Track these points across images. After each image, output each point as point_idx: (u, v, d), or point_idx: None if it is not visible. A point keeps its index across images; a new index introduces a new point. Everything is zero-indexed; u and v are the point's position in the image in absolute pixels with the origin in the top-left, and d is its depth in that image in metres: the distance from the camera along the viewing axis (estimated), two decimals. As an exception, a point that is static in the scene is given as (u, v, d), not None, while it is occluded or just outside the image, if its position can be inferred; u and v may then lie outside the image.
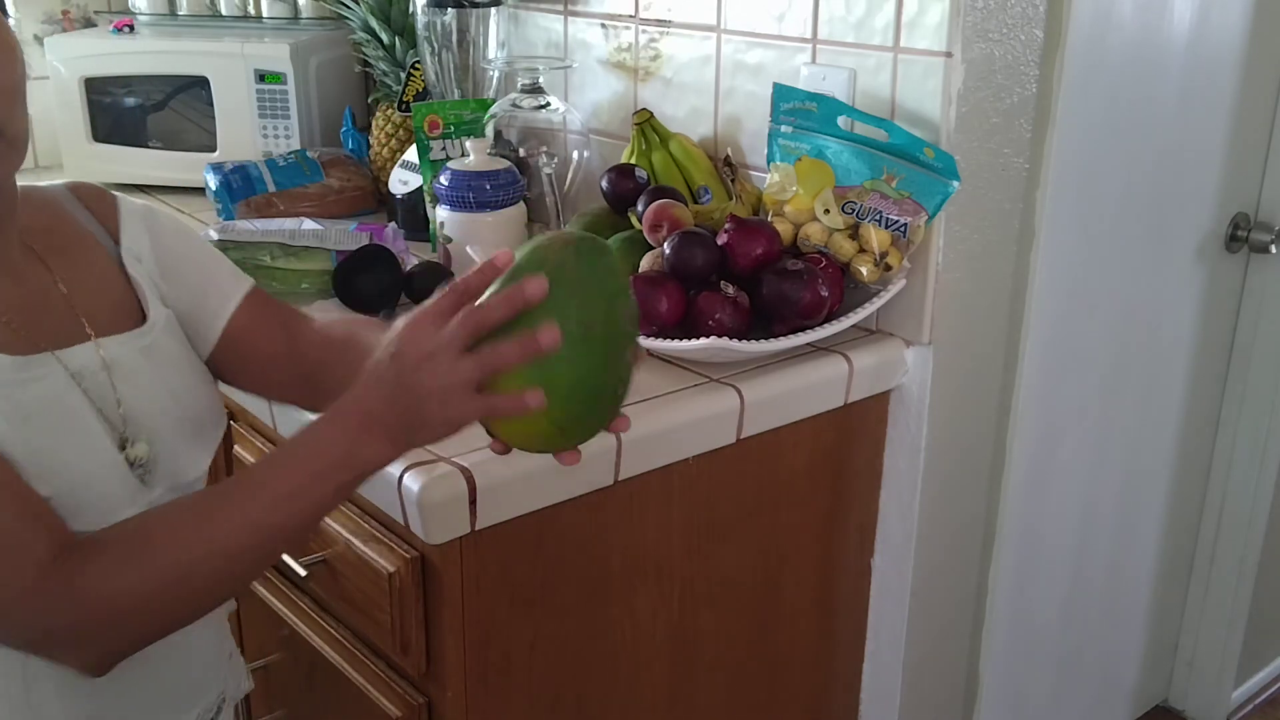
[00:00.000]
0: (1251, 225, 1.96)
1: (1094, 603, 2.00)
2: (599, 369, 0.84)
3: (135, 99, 2.10)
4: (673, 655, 1.39)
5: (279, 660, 1.48)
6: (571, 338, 0.81)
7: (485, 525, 1.15)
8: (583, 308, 0.83)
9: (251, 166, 1.92)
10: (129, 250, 0.99)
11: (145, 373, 0.95)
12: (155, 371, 0.96)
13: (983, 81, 1.39)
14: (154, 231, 1.02)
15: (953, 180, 1.35)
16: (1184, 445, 2.05)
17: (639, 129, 1.63)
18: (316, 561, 1.32)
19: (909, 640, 1.61)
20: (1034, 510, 1.76)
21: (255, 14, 2.18)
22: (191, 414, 0.99)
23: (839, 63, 1.44)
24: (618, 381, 0.87)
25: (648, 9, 1.67)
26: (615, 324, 0.86)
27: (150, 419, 0.94)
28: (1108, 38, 1.54)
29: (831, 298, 1.36)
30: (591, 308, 0.84)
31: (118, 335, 0.95)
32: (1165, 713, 2.31)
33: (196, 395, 1.00)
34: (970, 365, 1.54)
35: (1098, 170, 1.62)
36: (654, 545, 1.32)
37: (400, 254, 1.62)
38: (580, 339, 0.82)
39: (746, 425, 1.33)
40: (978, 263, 1.49)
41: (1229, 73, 1.79)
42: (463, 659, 1.19)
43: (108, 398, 0.92)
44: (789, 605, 1.51)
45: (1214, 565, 2.19)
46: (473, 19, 1.85)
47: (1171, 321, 1.91)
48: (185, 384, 0.99)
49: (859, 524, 1.56)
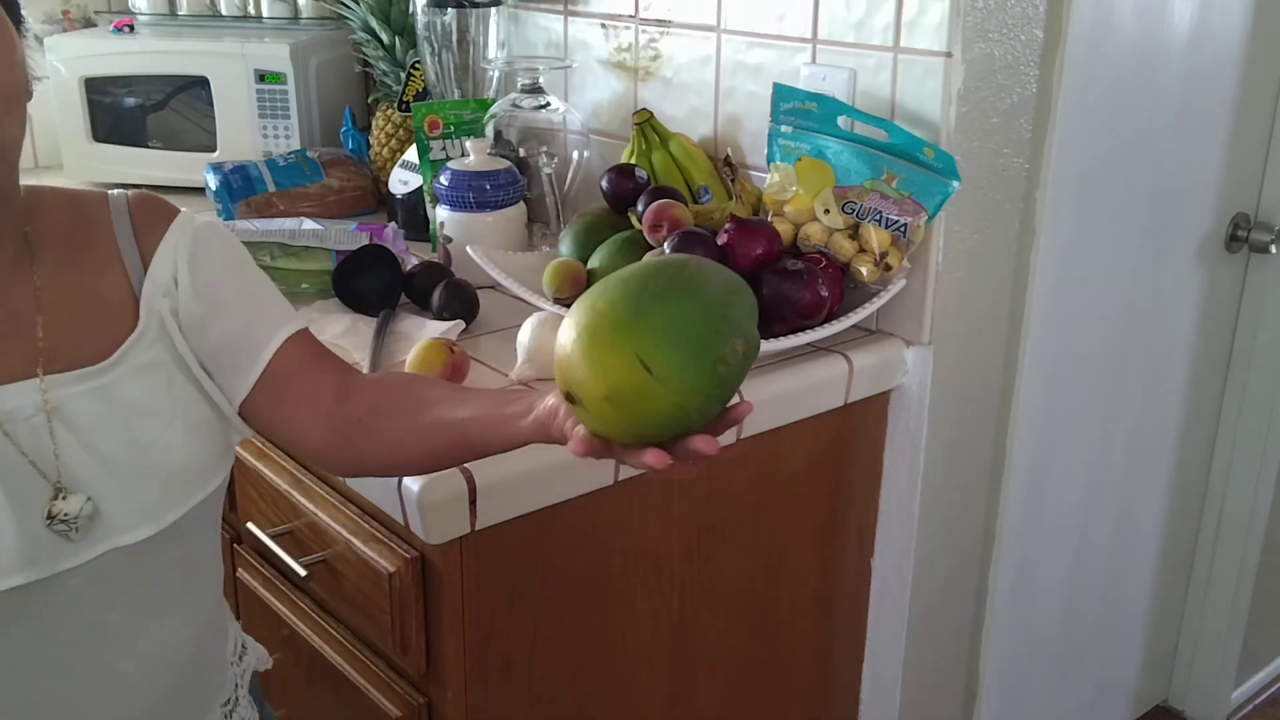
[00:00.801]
0: (1251, 225, 1.96)
1: (1094, 602, 2.00)
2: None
3: (135, 99, 2.10)
4: (673, 655, 1.39)
5: (279, 660, 1.47)
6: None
7: (485, 525, 1.15)
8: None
9: (251, 166, 1.92)
10: (155, 277, 0.92)
11: (96, 417, 0.87)
12: (113, 415, 0.88)
13: (983, 81, 1.39)
14: (198, 261, 0.94)
15: (953, 180, 1.35)
16: (1184, 445, 2.05)
17: (639, 129, 1.63)
18: (316, 561, 1.32)
19: (909, 640, 1.61)
20: (1034, 510, 1.76)
21: (255, 14, 2.18)
22: (160, 465, 0.89)
23: (839, 63, 1.44)
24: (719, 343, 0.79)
25: (648, 9, 1.67)
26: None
27: (98, 469, 0.87)
28: (1108, 38, 1.54)
29: (831, 298, 1.36)
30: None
31: (73, 372, 0.87)
32: (1165, 713, 2.31)
33: (175, 444, 0.90)
34: (970, 365, 1.54)
35: (1098, 170, 1.62)
36: (654, 545, 1.32)
37: (400, 254, 1.62)
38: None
39: (746, 425, 1.33)
40: (978, 263, 1.49)
41: (1229, 73, 1.79)
42: (463, 659, 1.19)
43: (37, 443, 0.85)
44: (789, 605, 1.51)
45: (1214, 565, 2.18)
46: (473, 19, 1.85)
47: (1171, 321, 1.91)
48: (157, 432, 0.90)
49: (859, 524, 1.56)
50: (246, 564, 1.50)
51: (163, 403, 0.91)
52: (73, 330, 0.89)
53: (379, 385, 0.99)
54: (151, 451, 0.89)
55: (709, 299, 0.79)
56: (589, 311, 0.78)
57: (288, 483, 1.37)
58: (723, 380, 0.78)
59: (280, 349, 0.95)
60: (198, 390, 0.94)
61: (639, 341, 0.76)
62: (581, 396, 0.78)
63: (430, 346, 1.27)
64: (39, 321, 0.88)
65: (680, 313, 0.77)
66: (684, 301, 0.78)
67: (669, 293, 0.78)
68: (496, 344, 1.42)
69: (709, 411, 0.79)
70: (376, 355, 1.37)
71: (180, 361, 0.93)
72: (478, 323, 1.49)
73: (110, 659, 0.92)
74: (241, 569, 1.51)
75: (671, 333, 0.76)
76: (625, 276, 0.80)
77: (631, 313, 0.77)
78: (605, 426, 0.79)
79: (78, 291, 0.90)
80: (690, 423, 0.78)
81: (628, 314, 0.77)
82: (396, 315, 1.50)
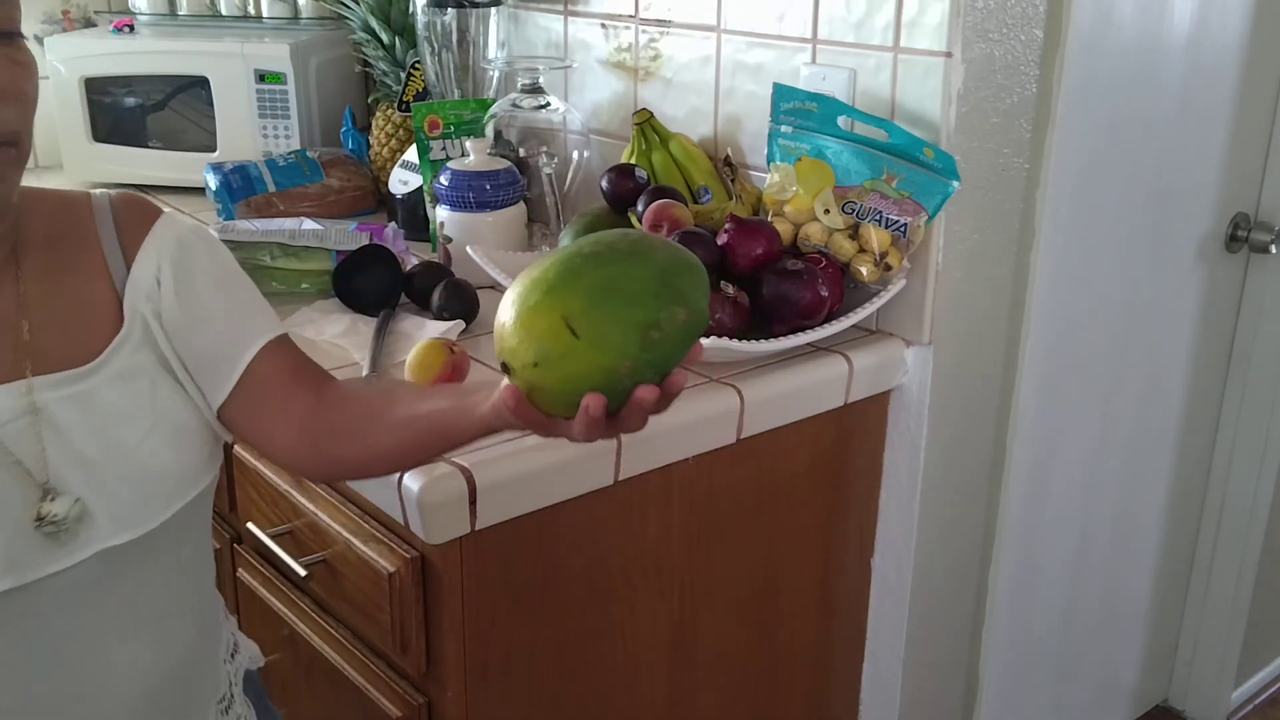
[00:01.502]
0: (1251, 225, 1.96)
1: (1094, 603, 2.00)
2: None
3: (135, 99, 2.10)
4: (673, 655, 1.39)
5: (279, 660, 1.47)
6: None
7: (485, 525, 1.15)
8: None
9: (251, 166, 1.92)
10: (137, 279, 0.91)
11: (78, 420, 0.87)
12: (92, 420, 0.88)
13: (983, 81, 1.39)
14: (182, 265, 0.93)
15: (953, 180, 1.35)
16: (1184, 445, 2.05)
17: (639, 129, 1.63)
18: (316, 561, 1.32)
19: (909, 640, 1.61)
20: (1034, 510, 1.76)
21: (255, 14, 2.19)
22: (144, 468, 0.89)
23: (839, 63, 1.44)
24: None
25: (648, 9, 1.67)
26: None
27: (82, 472, 0.86)
28: (1108, 38, 1.54)
29: (831, 298, 1.36)
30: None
31: (56, 375, 0.87)
32: (1165, 713, 2.31)
33: (157, 447, 0.90)
34: (970, 365, 1.54)
35: (1098, 170, 1.62)
36: (654, 545, 1.32)
37: (400, 254, 1.62)
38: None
39: (746, 425, 1.33)
40: (978, 263, 1.49)
41: (1229, 73, 1.79)
42: (463, 659, 1.19)
43: (27, 446, 0.85)
44: (789, 605, 1.51)
45: (1214, 565, 2.18)
46: (473, 19, 1.85)
47: (1171, 321, 1.91)
48: (139, 436, 0.89)
49: (859, 524, 1.56)
50: (246, 564, 1.50)
51: (145, 408, 0.90)
52: (58, 332, 0.89)
53: (352, 394, 0.99)
54: (135, 455, 0.89)
55: (650, 264, 0.77)
56: (524, 279, 0.77)
57: (288, 483, 1.37)
58: (654, 345, 0.76)
59: (257, 357, 0.95)
60: (182, 394, 0.93)
61: (566, 303, 0.75)
62: (513, 364, 0.77)
63: (430, 346, 1.27)
64: (24, 325, 0.87)
65: (613, 275, 0.76)
66: (619, 265, 0.76)
67: (605, 256, 0.77)
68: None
69: (641, 378, 0.77)
70: (376, 355, 1.37)
71: (165, 364, 0.92)
72: (478, 323, 1.49)
73: (100, 663, 0.91)
74: (241, 569, 1.51)
75: (600, 294, 0.75)
76: (571, 246, 0.79)
77: (561, 275, 0.76)
78: (539, 395, 0.78)
79: (62, 293, 0.90)
80: (621, 389, 0.76)
81: (557, 277, 0.76)
82: (396, 315, 1.50)
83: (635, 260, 0.77)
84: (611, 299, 0.75)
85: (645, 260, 0.77)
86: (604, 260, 0.77)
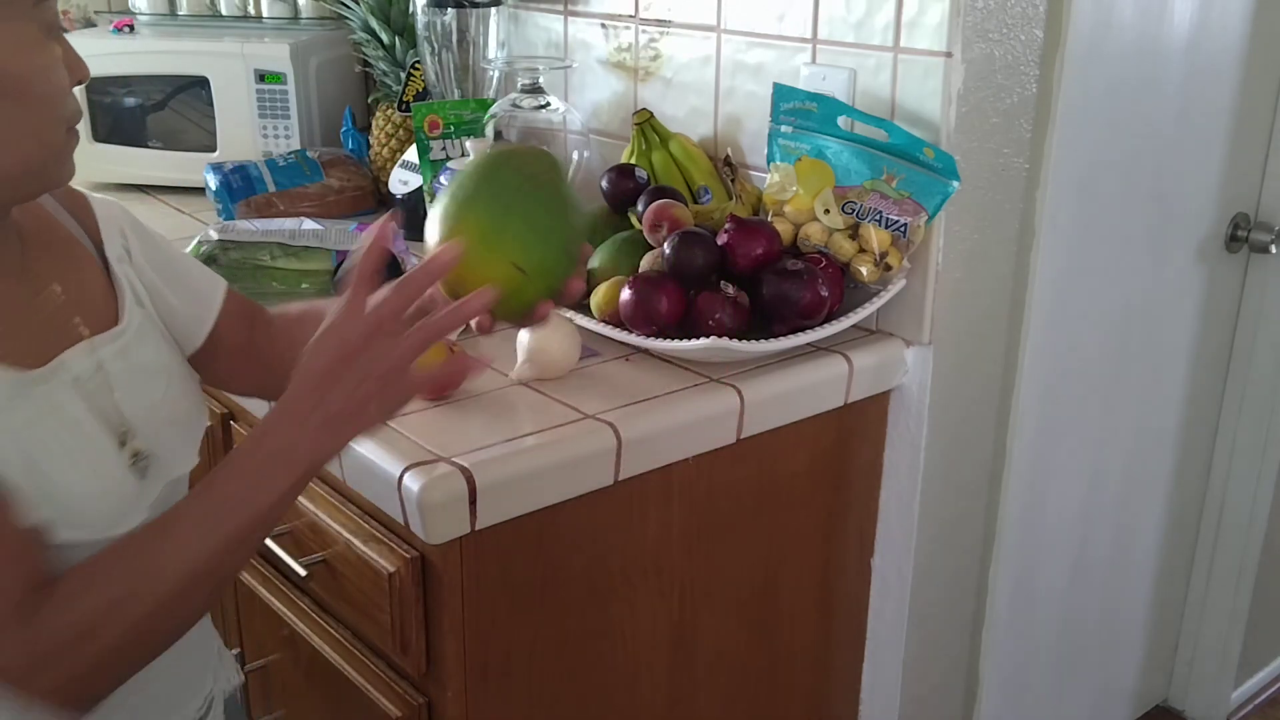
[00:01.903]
0: (1251, 225, 1.96)
1: (1094, 602, 2.00)
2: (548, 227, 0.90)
3: (135, 99, 2.10)
4: (673, 655, 1.39)
5: (279, 660, 1.48)
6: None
7: (485, 525, 1.15)
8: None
9: (251, 166, 1.92)
10: (111, 251, 0.99)
11: (126, 374, 0.94)
12: (136, 374, 0.95)
13: (983, 81, 1.39)
14: (138, 232, 1.02)
15: (953, 180, 1.35)
16: (1184, 445, 2.05)
17: (639, 129, 1.63)
18: (316, 561, 1.32)
19: (909, 640, 1.61)
20: (1034, 510, 1.76)
21: (255, 14, 2.19)
22: (173, 413, 0.98)
23: (839, 63, 1.44)
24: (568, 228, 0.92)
25: (648, 9, 1.67)
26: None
27: (140, 417, 0.94)
28: (1108, 38, 1.54)
29: (831, 298, 1.36)
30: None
31: (106, 333, 0.94)
32: (1165, 713, 2.31)
33: (178, 395, 1.00)
34: (970, 365, 1.54)
35: (1098, 170, 1.62)
36: (654, 545, 1.32)
37: (400, 254, 1.62)
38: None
39: (746, 425, 1.33)
40: (978, 263, 1.49)
41: (1229, 73, 1.79)
42: (463, 659, 1.19)
43: (105, 399, 0.92)
44: (789, 605, 1.51)
45: (1214, 565, 2.19)
46: (473, 19, 1.85)
47: (1171, 321, 1.91)
48: (165, 383, 0.98)
49: (859, 524, 1.56)
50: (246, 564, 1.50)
51: (161, 361, 0.99)
52: (87, 304, 0.95)
53: (285, 327, 1.10)
54: (165, 404, 0.97)
55: (548, 192, 0.91)
56: (456, 231, 0.87)
57: (288, 483, 1.37)
58: (574, 256, 0.92)
59: (221, 310, 1.06)
60: (174, 346, 1.02)
61: (509, 251, 0.87)
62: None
63: (430, 346, 1.27)
64: (62, 296, 0.93)
65: (530, 214, 0.89)
66: (526, 202, 0.89)
67: (517, 197, 0.89)
68: (496, 344, 1.42)
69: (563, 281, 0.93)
70: (376, 355, 1.37)
71: (155, 321, 1.00)
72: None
73: None
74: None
75: (532, 235, 0.89)
76: (471, 194, 0.89)
77: (495, 228, 0.88)
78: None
79: (68, 274, 0.95)
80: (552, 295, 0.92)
81: (492, 229, 0.88)
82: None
83: (535, 194, 0.91)
84: (540, 235, 0.89)
85: (539, 189, 0.91)
86: (517, 203, 0.89)
